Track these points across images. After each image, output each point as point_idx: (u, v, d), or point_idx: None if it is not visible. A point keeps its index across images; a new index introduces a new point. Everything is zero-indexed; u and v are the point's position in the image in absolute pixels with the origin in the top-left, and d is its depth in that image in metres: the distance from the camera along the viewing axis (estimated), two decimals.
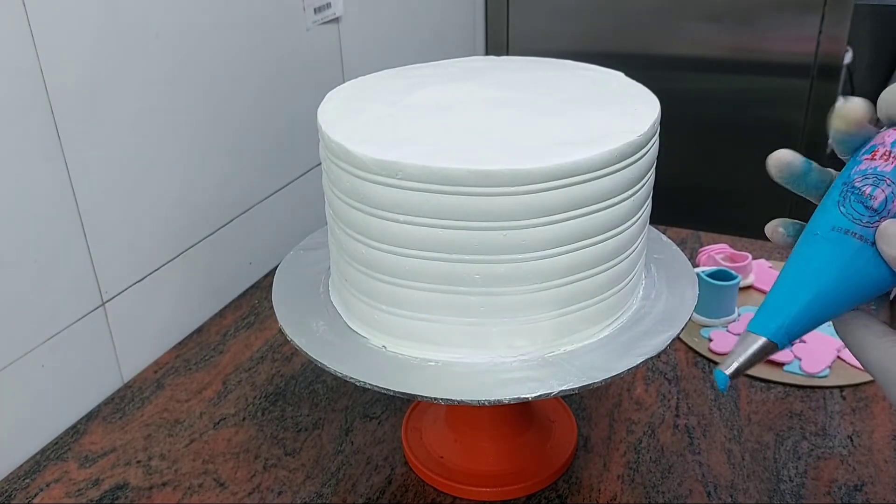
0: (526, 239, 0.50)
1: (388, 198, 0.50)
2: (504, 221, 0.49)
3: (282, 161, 0.97)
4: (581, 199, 0.50)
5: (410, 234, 0.51)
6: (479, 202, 0.49)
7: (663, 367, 0.77)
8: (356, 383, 0.52)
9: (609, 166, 0.50)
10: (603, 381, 0.51)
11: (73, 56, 0.68)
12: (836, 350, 0.77)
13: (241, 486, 0.65)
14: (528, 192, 0.48)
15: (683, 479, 0.64)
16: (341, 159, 0.52)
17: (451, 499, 0.63)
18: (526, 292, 0.52)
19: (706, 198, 1.53)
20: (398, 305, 0.54)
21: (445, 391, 0.51)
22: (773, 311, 0.40)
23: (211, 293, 0.89)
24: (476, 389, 0.51)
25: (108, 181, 0.73)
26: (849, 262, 0.39)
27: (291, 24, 0.95)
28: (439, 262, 0.51)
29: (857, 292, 0.40)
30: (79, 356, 0.73)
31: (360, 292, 0.56)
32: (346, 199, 0.53)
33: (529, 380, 0.52)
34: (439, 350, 0.54)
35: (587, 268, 0.53)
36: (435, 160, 0.48)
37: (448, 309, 0.53)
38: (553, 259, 0.51)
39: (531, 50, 1.53)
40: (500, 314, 0.53)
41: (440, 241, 0.50)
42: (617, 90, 0.60)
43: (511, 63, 0.66)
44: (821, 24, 1.34)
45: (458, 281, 0.51)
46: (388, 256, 0.52)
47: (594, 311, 0.55)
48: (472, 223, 0.49)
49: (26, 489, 0.65)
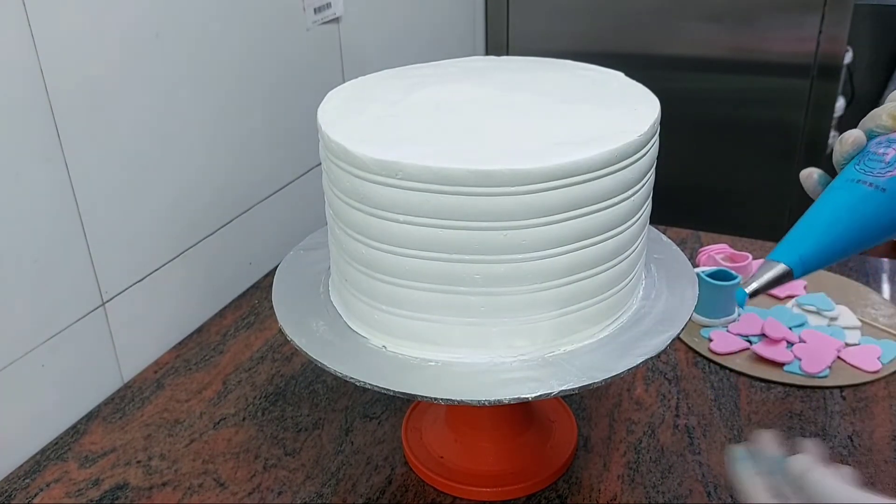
0: (526, 239, 0.50)
1: (388, 198, 0.50)
2: (504, 221, 0.49)
3: (282, 161, 0.97)
4: (581, 200, 0.50)
5: (410, 233, 0.51)
6: (478, 202, 0.49)
7: (663, 367, 0.77)
8: (356, 383, 0.52)
9: (609, 166, 0.50)
10: (603, 381, 0.51)
11: (73, 56, 0.68)
12: (836, 350, 0.77)
13: (241, 486, 0.65)
14: (527, 193, 0.48)
15: (683, 479, 0.64)
16: (341, 159, 0.52)
17: (451, 499, 0.63)
18: (526, 292, 0.52)
19: (706, 198, 1.53)
20: (398, 305, 0.54)
21: (445, 391, 0.51)
22: (793, 244, 0.47)
23: (211, 293, 0.89)
24: (476, 389, 0.51)
25: (108, 181, 0.73)
26: (860, 206, 0.46)
27: (291, 24, 0.95)
28: (439, 262, 0.51)
29: (866, 234, 0.47)
30: (79, 356, 0.73)
31: (360, 292, 0.56)
32: (346, 198, 0.53)
33: (529, 380, 0.52)
34: (439, 350, 0.54)
35: (587, 268, 0.53)
36: (435, 160, 0.48)
37: (448, 309, 0.53)
38: (553, 259, 0.51)
39: (531, 50, 1.53)
40: (500, 314, 0.53)
41: (440, 241, 0.50)
42: (617, 90, 0.60)
43: (511, 63, 0.66)
44: (821, 24, 1.34)
45: (458, 281, 0.51)
46: (387, 256, 0.52)
47: (594, 311, 0.55)
48: (472, 223, 0.49)
49: (26, 489, 0.65)
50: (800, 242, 0.48)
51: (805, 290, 0.87)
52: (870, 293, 0.87)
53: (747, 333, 0.80)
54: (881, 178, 0.46)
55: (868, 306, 0.84)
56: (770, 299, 0.87)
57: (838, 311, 0.83)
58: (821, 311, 0.83)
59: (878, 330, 0.80)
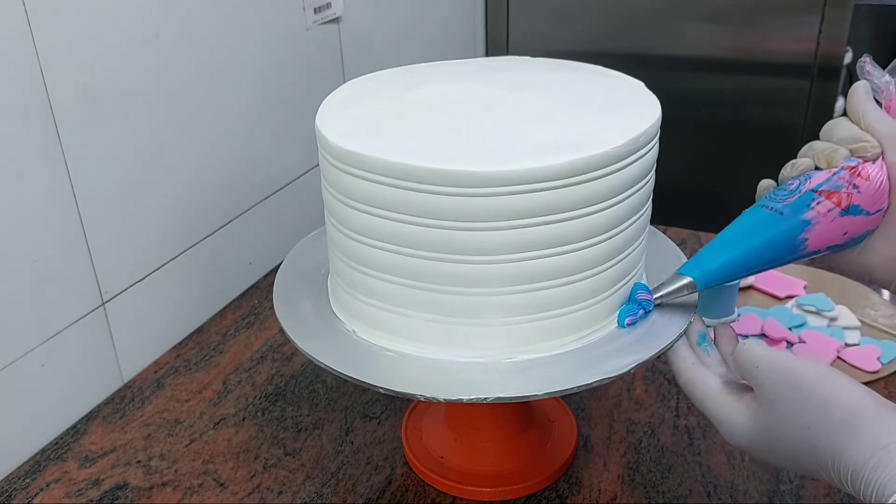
0: (487, 242, 0.50)
1: (353, 187, 0.52)
2: (462, 222, 0.50)
3: (282, 161, 0.97)
4: (582, 200, 0.50)
5: (375, 225, 0.52)
6: (441, 201, 0.49)
7: (663, 367, 0.77)
8: (310, 358, 0.54)
9: (573, 176, 0.49)
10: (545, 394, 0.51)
11: (73, 56, 0.68)
12: (835, 350, 0.77)
13: (241, 486, 0.65)
14: (486, 196, 0.48)
15: (683, 479, 0.64)
16: (322, 147, 0.54)
17: (451, 499, 0.63)
18: (487, 295, 0.52)
19: (706, 198, 1.53)
20: (368, 294, 0.55)
21: (446, 391, 0.51)
22: (699, 260, 0.54)
23: (211, 293, 0.89)
24: (477, 388, 0.51)
25: (108, 181, 0.73)
26: (760, 228, 0.53)
27: (291, 24, 0.95)
28: (404, 257, 0.52)
29: (764, 254, 0.53)
30: (79, 356, 0.73)
31: (339, 277, 0.58)
32: (325, 183, 0.55)
33: (481, 382, 0.51)
34: (402, 342, 0.55)
35: (588, 268, 0.53)
36: (399, 156, 0.49)
37: (412, 303, 0.53)
38: (554, 259, 0.51)
39: (531, 50, 1.52)
40: (462, 314, 0.53)
41: (405, 235, 0.51)
42: (617, 91, 0.59)
43: (521, 63, 0.65)
44: (821, 24, 1.34)
45: (423, 277, 0.52)
46: (357, 245, 0.54)
47: (557, 323, 0.54)
48: (431, 220, 0.50)
49: (26, 489, 0.65)
50: (705, 259, 0.54)
51: (805, 290, 0.87)
52: (870, 293, 0.87)
53: (747, 334, 0.80)
54: (781, 203, 0.53)
55: (868, 307, 0.84)
56: (770, 299, 0.87)
57: (838, 311, 0.83)
58: (820, 311, 0.83)
59: (877, 330, 0.80)
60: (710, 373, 0.51)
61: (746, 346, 0.48)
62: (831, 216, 0.52)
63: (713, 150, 1.49)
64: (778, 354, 0.47)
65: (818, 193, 0.52)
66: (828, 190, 0.52)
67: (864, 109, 0.53)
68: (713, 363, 0.53)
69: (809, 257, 0.54)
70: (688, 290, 0.55)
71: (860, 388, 0.43)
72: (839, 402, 0.42)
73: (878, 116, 0.53)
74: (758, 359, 0.47)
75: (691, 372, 0.52)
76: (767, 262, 0.54)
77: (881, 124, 0.52)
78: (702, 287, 0.55)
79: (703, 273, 0.54)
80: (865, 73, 0.55)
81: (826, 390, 0.43)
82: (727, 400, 0.49)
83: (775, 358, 0.46)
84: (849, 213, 0.52)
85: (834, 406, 0.42)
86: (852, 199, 0.52)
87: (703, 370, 0.52)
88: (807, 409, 0.43)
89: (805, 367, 0.45)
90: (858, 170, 0.52)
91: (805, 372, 0.44)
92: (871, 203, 0.52)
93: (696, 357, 0.53)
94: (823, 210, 0.52)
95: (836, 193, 0.52)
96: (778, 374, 0.45)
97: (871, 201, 0.52)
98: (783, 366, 0.45)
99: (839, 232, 0.53)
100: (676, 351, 0.53)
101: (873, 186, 0.52)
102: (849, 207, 0.52)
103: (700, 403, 0.50)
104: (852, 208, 0.52)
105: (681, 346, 0.53)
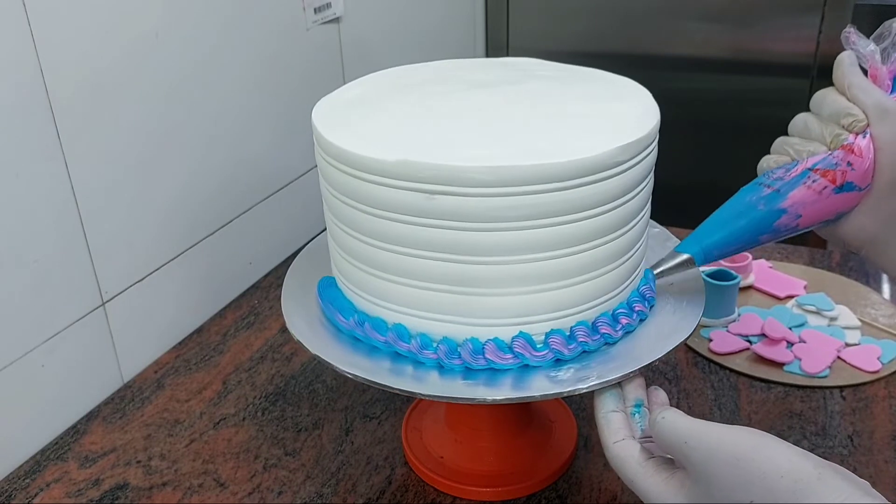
0: (469, 242, 0.50)
1: (343, 183, 0.52)
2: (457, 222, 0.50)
3: (282, 161, 0.97)
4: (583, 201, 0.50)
5: (370, 224, 0.52)
6: (431, 199, 0.49)
7: (663, 367, 0.77)
8: (305, 348, 0.54)
9: (606, 170, 0.49)
10: (529, 397, 0.51)
11: (73, 56, 0.68)
12: (836, 350, 0.77)
13: (241, 486, 0.65)
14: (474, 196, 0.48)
15: None
16: (318, 143, 0.54)
17: (451, 499, 0.63)
18: (522, 293, 0.52)
19: (706, 198, 1.53)
20: (363, 289, 0.56)
21: (444, 390, 0.51)
22: (697, 236, 0.56)
23: (211, 293, 0.89)
24: (478, 388, 0.51)
25: (108, 181, 0.73)
26: (756, 204, 0.54)
27: (291, 24, 0.95)
28: (450, 264, 0.51)
29: (759, 229, 0.54)
30: (79, 356, 0.73)
31: (339, 271, 0.58)
32: (323, 180, 0.55)
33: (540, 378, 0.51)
34: None
35: (587, 270, 0.53)
36: (406, 157, 0.49)
37: (416, 301, 0.54)
38: (556, 262, 0.51)
39: (531, 50, 1.53)
40: (462, 314, 0.52)
41: (399, 235, 0.51)
42: (618, 93, 0.59)
43: (522, 64, 0.65)
44: (821, 24, 1.34)
45: (467, 282, 0.52)
46: (379, 253, 0.53)
47: (598, 310, 0.55)
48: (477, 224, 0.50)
49: (26, 489, 0.65)
50: (703, 235, 0.56)
51: (805, 290, 0.87)
52: (870, 293, 0.87)
53: (747, 333, 0.80)
54: (778, 181, 0.54)
55: (868, 306, 0.84)
56: (770, 299, 0.87)
57: (838, 310, 0.83)
58: (821, 311, 0.83)
59: (878, 330, 0.81)
60: (640, 447, 0.47)
61: (666, 421, 0.44)
62: (826, 193, 0.53)
63: (713, 150, 1.49)
64: (706, 428, 0.43)
65: (814, 172, 0.53)
66: (823, 168, 0.53)
67: (850, 81, 0.53)
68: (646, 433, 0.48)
69: (803, 232, 0.55)
70: (687, 266, 0.56)
71: (797, 452, 0.41)
72: (780, 472, 0.40)
73: (863, 87, 0.53)
74: (683, 434, 0.43)
75: (620, 447, 0.47)
76: (763, 238, 0.55)
77: (866, 95, 0.53)
78: (700, 263, 0.56)
79: (702, 248, 0.56)
80: (851, 43, 0.55)
81: (765, 460, 0.41)
82: (658, 480, 0.45)
83: (705, 433, 0.43)
84: (843, 189, 0.53)
85: (776, 477, 0.40)
86: (846, 176, 0.53)
87: (633, 445, 0.47)
88: (750, 484, 0.40)
89: (741, 438, 0.42)
90: (852, 146, 0.53)
91: (743, 445, 0.41)
92: (863, 179, 0.53)
93: (629, 429, 0.49)
94: (818, 188, 0.53)
95: (831, 171, 0.53)
96: (711, 451, 0.42)
97: (863, 177, 0.53)
98: (717, 440, 0.42)
99: (833, 209, 0.54)
100: (608, 420, 0.49)
101: (865, 162, 0.53)
102: (843, 184, 0.53)
103: (630, 483, 0.46)
104: (846, 185, 0.53)
105: (613, 415, 0.49)
